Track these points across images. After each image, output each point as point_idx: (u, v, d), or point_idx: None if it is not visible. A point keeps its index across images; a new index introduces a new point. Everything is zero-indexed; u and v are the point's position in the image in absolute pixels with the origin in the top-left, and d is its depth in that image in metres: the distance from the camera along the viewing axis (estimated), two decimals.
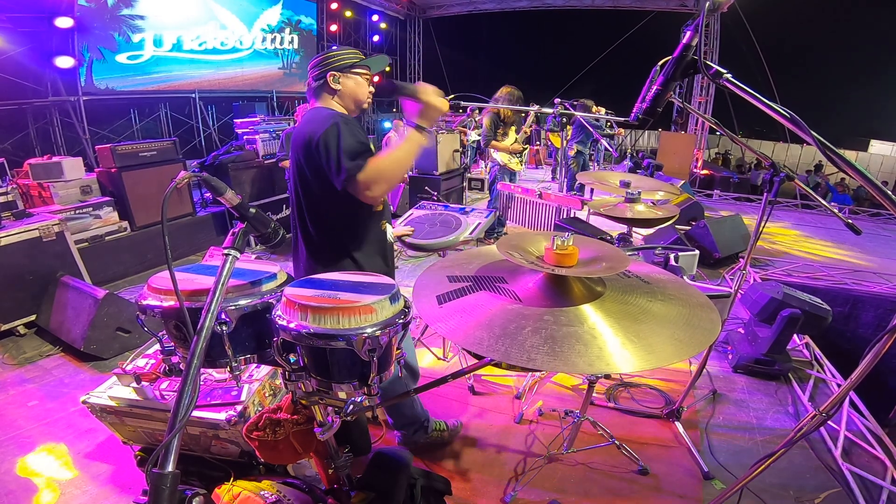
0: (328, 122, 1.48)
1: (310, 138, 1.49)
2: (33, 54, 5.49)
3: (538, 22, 15.50)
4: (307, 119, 1.59)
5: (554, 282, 1.02)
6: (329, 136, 1.45)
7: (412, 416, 2.04)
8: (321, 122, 1.49)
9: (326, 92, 1.64)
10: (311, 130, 1.50)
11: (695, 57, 0.97)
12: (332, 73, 1.62)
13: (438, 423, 2.14)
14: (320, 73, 1.62)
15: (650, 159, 4.69)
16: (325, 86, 1.63)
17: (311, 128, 1.51)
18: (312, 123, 1.52)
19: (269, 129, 5.78)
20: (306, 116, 1.63)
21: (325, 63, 1.63)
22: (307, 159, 1.53)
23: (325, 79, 1.62)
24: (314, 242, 1.66)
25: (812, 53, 17.09)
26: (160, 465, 0.67)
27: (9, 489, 1.91)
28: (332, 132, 1.45)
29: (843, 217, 1.61)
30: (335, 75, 1.62)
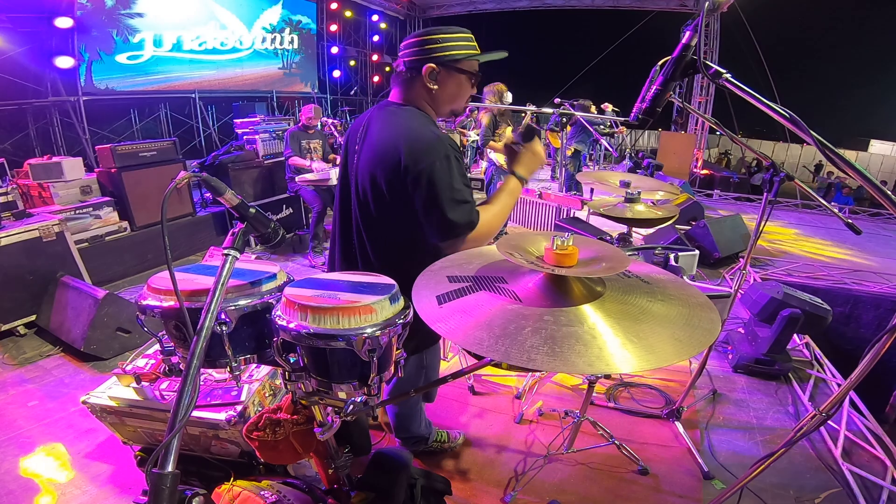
0: (434, 149, 1.18)
1: (406, 164, 1.18)
2: (33, 54, 5.49)
3: (538, 22, 15.53)
4: (397, 127, 1.25)
5: (554, 282, 1.02)
6: (438, 176, 1.16)
7: (417, 433, 2.00)
8: (424, 146, 1.18)
9: (420, 88, 1.29)
10: (408, 152, 1.19)
11: (694, 57, 0.97)
12: (431, 65, 1.25)
13: (440, 434, 2.11)
14: (417, 60, 1.25)
15: (650, 159, 4.69)
16: (418, 79, 1.27)
17: (405, 147, 1.19)
18: (407, 142, 1.20)
19: (269, 129, 5.78)
20: (394, 121, 1.28)
21: (425, 47, 1.24)
22: (392, 184, 1.23)
23: (419, 70, 1.26)
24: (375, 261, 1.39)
25: (812, 53, 17.11)
26: (160, 465, 0.67)
27: (9, 489, 1.91)
28: (442, 171, 1.16)
29: (843, 217, 1.61)
30: (433, 69, 1.25)
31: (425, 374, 1.70)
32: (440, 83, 1.28)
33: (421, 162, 1.17)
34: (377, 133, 1.29)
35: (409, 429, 1.97)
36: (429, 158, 1.17)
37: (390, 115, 1.31)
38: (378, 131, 1.29)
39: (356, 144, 1.39)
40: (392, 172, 1.23)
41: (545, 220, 4.31)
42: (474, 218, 1.21)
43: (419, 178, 1.18)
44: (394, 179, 1.23)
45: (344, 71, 11.47)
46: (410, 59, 1.27)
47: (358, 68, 12.14)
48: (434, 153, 1.18)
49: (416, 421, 1.96)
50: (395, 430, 2.00)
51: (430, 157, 1.18)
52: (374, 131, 1.31)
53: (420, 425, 1.99)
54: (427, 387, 1.76)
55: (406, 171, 1.19)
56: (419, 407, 1.96)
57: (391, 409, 1.95)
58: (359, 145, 1.36)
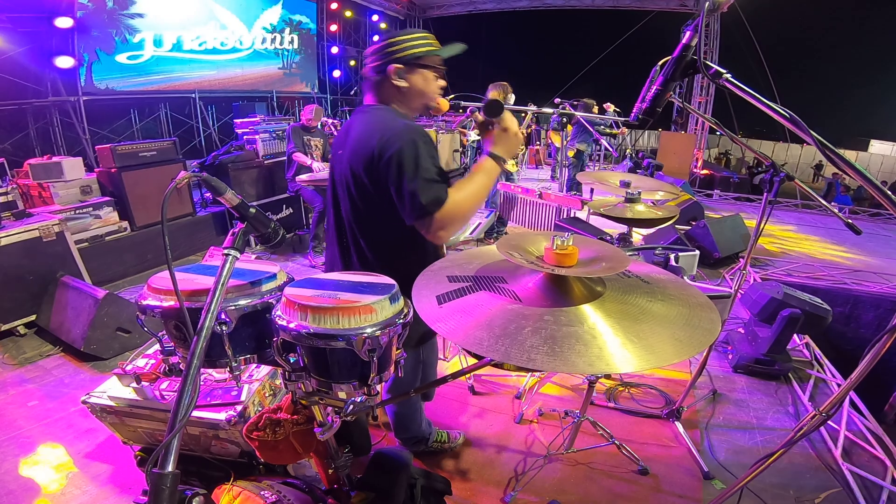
0: (403, 136, 1.24)
1: (378, 153, 1.25)
2: (33, 54, 5.49)
3: (538, 22, 15.53)
4: (371, 124, 1.32)
5: (554, 282, 1.02)
6: (406, 157, 1.21)
7: (418, 433, 2.00)
8: (395, 136, 1.24)
9: (390, 88, 1.35)
10: (380, 145, 1.25)
11: (694, 57, 0.97)
12: (396, 65, 1.32)
13: (440, 435, 2.11)
14: (381, 63, 1.33)
15: (650, 159, 4.68)
16: (386, 81, 1.34)
17: (379, 141, 1.25)
18: (380, 134, 1.26)
19: (269, 129, 5.78)
20: (368, 120, 1.35)
21: (387, 51, 1.32)
22: (371, 174, 1.29)
23: (385, 72, 1.33)
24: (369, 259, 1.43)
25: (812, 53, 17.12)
26: (160, 465, 0.67)
27: (9, 489, 1.91)
28: (410, 153, 1.22)
29: (843, 217, 1.61)
30: (399, 69, 1.33)
31: (423, 370, 1.71)
32: (407, 81, 1.35)
33: (390, 148, 1.24)
34: (356, 134, 1.36)
35: (408, 428, 1.97)
36: (397, 143, 1.23)
37: (365, 115, 1.39)
38: (356, 132, 1.36)
39: (339, 150, 1.46)
40: (369, 164, 1.29)
41: (545, 220, 4.31)
42: (442, 195, 1.24)
43: (390, 162, 1.24)
44: (372, 171, 1.29)
45: (344, 71, 11.48)
46: (377, 63, 1.35)
47: (358, 68, 12.13)
48: (401, 139, 1.24)
49: (415, 421, 1.96)
50: (395, 430, 1.99)
51: (399, 142, 1.24)
52: (353, 133, 1.38)
53: (420, 425, 1.99)
54: (427, 386, 1.76)
55: (379, 158, 1.26)
56: (418, 406, 1.96)
57: (390, 409, 1.95)
58: (342, 150, 1.42)
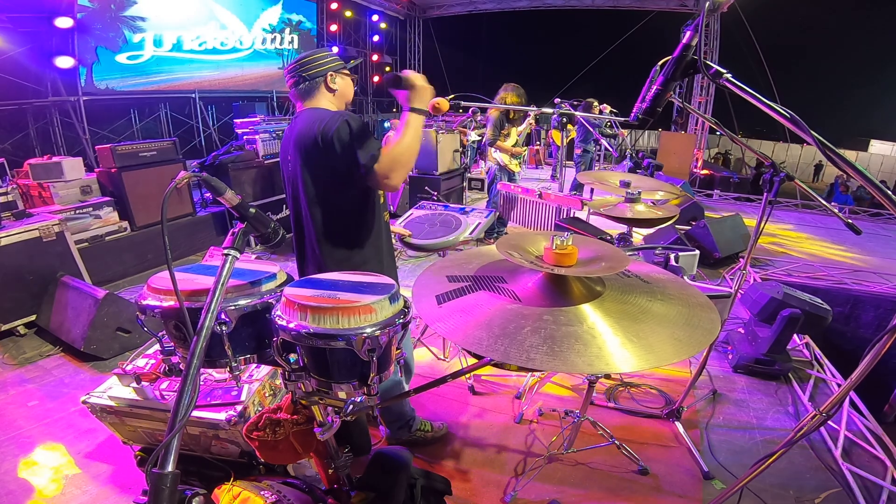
0: (337, 119, 1.51)
1: (319, 137, 1.51)
2: (33, 54, 5.49)
3: (538, 22, 15.53)
4: (309, 119, 1.58)
5: (553, 281, 1.02)
6: (341, 132, 1.48)
7: (399, 412, 2.07)
8: (329, 121, 1.51)
9: (323, 92, 1.66)
10: (319, 130, 1.51)
11: (695, 57, 0.97)
12: (331, 73, 1.65)
13: (424, 423, 2.16)
14: (317, 72, 1.64)
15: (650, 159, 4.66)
16: (321, 86, 1.66)
17: (318, 127, 1.52)
18: (318, 123, 1.53)
19: (269, 129, 5.77)
20: (306, 117, 1.61)
21: (318, 64, 1.64)
22: (318, 158, 1.55)
23: (323, 78, 1.65)
24: (325, 241, 1.67)
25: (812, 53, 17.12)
26: (160, 465, 0.67)
27: (9, 489, 1.91)
28: (344, 128, 1.49)
29: (843, 217, 1.61)
30: (333, 76, 1.66)
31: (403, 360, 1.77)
32: (338, 84, 1.68)
33: (329, 131, 1.49)
34: (301, 130, 1.59)
35: (391, 410, 2.04)
36: (332, 125, 1.49)
37: (307, 115, 1.63)
38: (297, 131, 1.61)
39: (286, 154, 1.70)
40: (315, 149, 1.53)
41: (545, 220, 4.30)
42: (375, 151, 1.48)
43: (332, 142, 1.49)
44: (320, 154, 1.53)
45: None
46: (312, 72, 1.64)
47: (358, 68, 12.12)
48: (335, 121, 1.50)
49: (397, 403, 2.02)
50: (379, 414, 2.08)
51: (333, 124, 1.50)
52: (295, 133, 1.62)
53: (402, 404, 2.06)
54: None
55: (323, 142, 1.50)
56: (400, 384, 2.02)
57: None
58: (290, 155, 1.65)
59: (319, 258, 1.68)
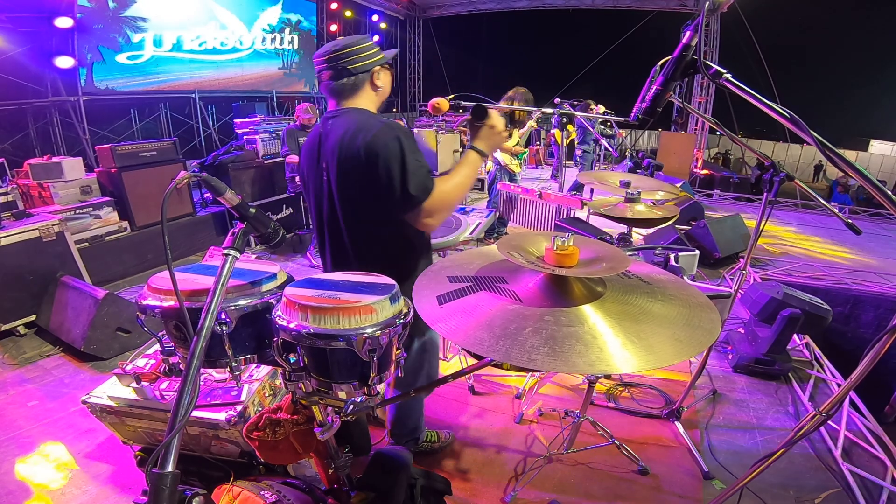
0: (387, 133, 1.32)
1: (363, 150, 1.32)
2: (33, 54, 5.49)
3: (538, 22, 15.51)
4: (352, 125, 1.37)
5: (554, 282, 1.02)
6: (392, 153, 1.29)
7: (413, 428, 2.00)
8: (380, 134, 1.31)
9: (367, 90, 1.44)
10: (365, 142, 1.31)
11: (694, 57, 0.97)
12: (378, 67, 1.43)
13: (430, 434, 2.12)
14: (363, 66, 1.40)
15: (650, 159, 4.65)
16: (366, 83, 1.43)
17: (363, 138, 1.32)
18: (364, 133, 1.33)
19: (269, 129, 5.78)
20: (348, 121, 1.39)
21: (365, 55, 1.40)
22: (358, 174, 1.36)
23: (370, 74, 1.42)
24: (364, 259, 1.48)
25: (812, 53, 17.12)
26: (160, 465, 0.67)
27: (9, 489, 1.91)
28: (395, 147, 1.30)
29: (843, 217, 1.61)
30: (378, 71, 1.44)
31: (428, 359, 1.72)
32: (383, 81, 1.48)
33: (377, 146, 1.31)
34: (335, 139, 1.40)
35: (405, 424, 1.98)
36: (383, 141, 1.31)
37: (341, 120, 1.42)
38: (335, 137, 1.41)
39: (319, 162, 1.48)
40: (355, 163, 1.35)
41: (545, 220, 4.30)
42: (429, 185, 1.32)
43: (378, 160, 1.31)
44: (357, 169, 1.35)
45: None
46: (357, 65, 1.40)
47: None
48: (386, 136, 1.32)
49: (414, 416, 1.98)
50: (392, 423, 2.00)
51: (383, 139, 1.31)
52: (332, 139, 1.42)
53: (418, 420, 2.00)
54: (427, 387, 1.77)
55: (367, 157, 1.32)
56: (420, 400, 1.98)
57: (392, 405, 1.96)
58: (323, 162, 1.46)
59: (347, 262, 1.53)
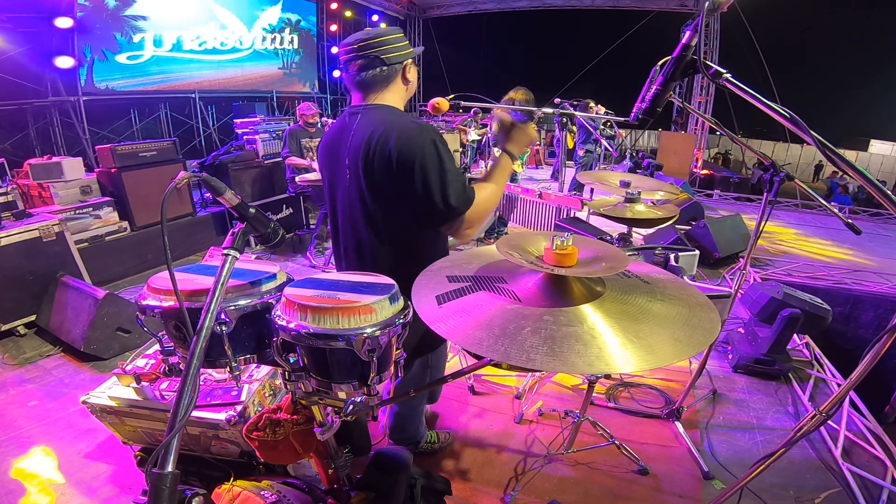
0: (422, 137, 1.22)
1: (398, 158, 1.22)
2: (33, 54, 5.49)
3: (538, 22, 15.51)
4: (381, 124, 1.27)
5: (553, 282, 1.02)
6: (429, 158, 1.21)
7: (414, 435, 1.98)
8: (413, 137, 1.22)
9: (398, 84, 1.36)
10: (400, 148, 1.22)
11: (694, 57, 0.97)
12: (410, 61, 1.35)
13: (430, 435, 2.11)
14: (397, 57, 1.31)
15: (650, 159, 4.64)
16: (398, 76, 1.34)
17: (396, 143, 1.22)
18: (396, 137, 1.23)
19: (269, 129, 5.78)
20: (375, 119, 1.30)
21: (399, 47, 1.31)
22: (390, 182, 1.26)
23: (402, 67, 1.34)
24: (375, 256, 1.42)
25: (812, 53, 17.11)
26: (160, 465, 0.67)
27: (8, 489, 1.91)
28: (432, 155, 1.21)
29: (843, 217, 1.61)
30: (409, 65, 1.36)
31: (430, 374, 1.70)
32: (412, 76, 1.38)
33: (412, 151, 1.22)
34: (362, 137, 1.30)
35: (405, 429, 1.97)
36: (418, 146, 1.22)
37: (367, 117, 1.33)
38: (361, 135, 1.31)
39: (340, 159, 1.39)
40: (388, 169, 1.26)
41: (545, 220, 4.31)
42: (470, 195, 1.26)
43: (414, 167, 1.22)
44: (391, 176, 1.27)
45: None
46: (390, 55, 1.29)
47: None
48: (421, 139, 1.23)
49: (414, 422, 1.96)
50: (391, 429, 1.99)
51: (419, 144, 1.22)
52: (358, 136, 1.32)
53: (418, 427, 1.99)
54: (427, 386, 1.76)
55: (400, 163, 1.23)
56: (420, 409, 1.96)
57: (391, 409, 1.95)
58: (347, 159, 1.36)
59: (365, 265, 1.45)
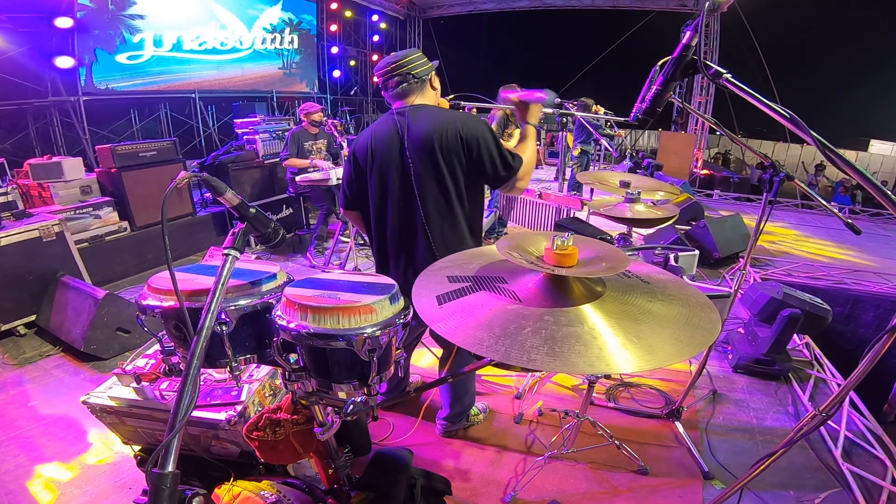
0: (478, 122, 1.65)
1: (465, 138, 1.61)
2: (33, 54, 5.48)
3: (538, 22, 15.48)
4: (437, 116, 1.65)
5: (554, 282, 1.02)
6: (488, 136, 1.63)
7: (468, 404, 2.18)
8: (472, 123, 1.63)
9: (429, 90, 1.76)
10: (464, 130, 1.61)
11: (694, 57, 0.97)
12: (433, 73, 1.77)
13: (473, 408, 2.26)
14: (424, 70, 1.72)
15: (650, 159, 4.63)
16: (427, 84, 1.75)
17: (462, 127, 1.61)
18: (460, 123, 1.62)
19: (269, 129, 5.77)
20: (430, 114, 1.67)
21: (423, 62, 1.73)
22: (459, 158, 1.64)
23: (429, 77, 1.75)
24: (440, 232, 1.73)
25: (812, 53, 17.09)
26: (160, 465, 0.67)
27: (8, 489, 1.91)
28: (488, 132, 1.63)
29: (843, 217, 1.61)
30: (434, 76, 1.78)
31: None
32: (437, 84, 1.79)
33: (475, 132, 1.62)
34: (427, 128, 1.64)
35: (463, 400, 2.15)
36: (478, 128, 1.63)
37: (421, 114, 1.69)
38: (427, 127, 1.65)
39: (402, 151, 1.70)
40: (457, 147, 1.63)
41: (545, 220, 4.30)
42: (518, 157, 1.67)
43: (479, 143, 1.61)
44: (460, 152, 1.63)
45: (344, 71, 11.47)
46: (419, 70, 1.70)
47: (358, 68, 12.13)
48: (478, 124, 1.65)
49: (470, 390, 2.15)
50: (451, 405, 2.14)
51: (480, 129, 1.63)
52: (423, 128, 1.65)
53: (473, 395, 2.20)
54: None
55: (467, 142, 1.62)
56: (473, 378, 2.19)
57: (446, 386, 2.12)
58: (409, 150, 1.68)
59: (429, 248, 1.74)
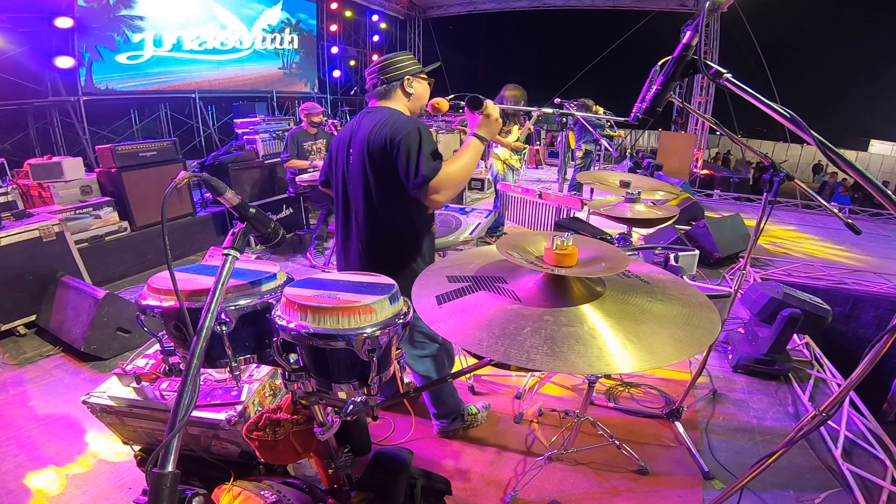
0: (410, 125, 1.56)
1: (389, 139, 1.55)
2: (33, 54, 5.48)
3: (538, 22, 15.51)
4: (381, 118, 1.62)
5: (554, 282, 1.02)
6: (411, 139, 1.53)
7: (455, 404, 2.14)
8: (403, 125, 1.56)
9: (398, 95, 1.71)
10: (391, 132, 1.55)
11: (695, 57, 0.97)
12: (409, 77, 1.70)
13: (470, 408, 2.25)
14: (395, 75, 1.68)
15: (650, 159, 4.62)
16: (397, 89, 1.70)
17: (390, 129, 1.56)
18: (391, 125, 1.57)
19: (269, 129, 5.77)
20: (378, 115, 1.64)
21: (397, 66, 1.69)
22: (383, 159, 1.58)
23: (400, 82, 1.69)
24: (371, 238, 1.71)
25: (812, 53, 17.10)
26: (160, 465, 0.67)
27: (9, 489, 1.91)
28: (415, 136, 1.53)
29: (843, 217, 1.61)
30: (410, 80, 1.71)
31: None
32: (415, 88, 1.73)
33: (399, 134, 1.55)
34: (367, 127, 1.63)
35: (447, 403, 2.11)
36: (405, 131, 1.55)
37: (372, 114, 1.68)
38: (367, 126, 1.64)
39: (344, 147, 1.73)
40: (382, 150, 1.58)
41: (545, 220, 4.30)
42: (437, 166, 1.54)
43: (399, 145, 1.54)
44: (384, 153, 1.58)
45: (344, 71, 11.47)
46: (390, 74, 1.68)
47: (358, 68, 12.13)
48: (408, 127, 1.56)
49: (449, 392, 2.11)
50: (436, 409, 2.13)
51: (405, 130, 1.55)
52: (364, 128, 1.64)
53: (458, 399, 2.16)
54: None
55: (390, 143, 1.56)
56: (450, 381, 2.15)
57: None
58: (352, 147, 1.69)
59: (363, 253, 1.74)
